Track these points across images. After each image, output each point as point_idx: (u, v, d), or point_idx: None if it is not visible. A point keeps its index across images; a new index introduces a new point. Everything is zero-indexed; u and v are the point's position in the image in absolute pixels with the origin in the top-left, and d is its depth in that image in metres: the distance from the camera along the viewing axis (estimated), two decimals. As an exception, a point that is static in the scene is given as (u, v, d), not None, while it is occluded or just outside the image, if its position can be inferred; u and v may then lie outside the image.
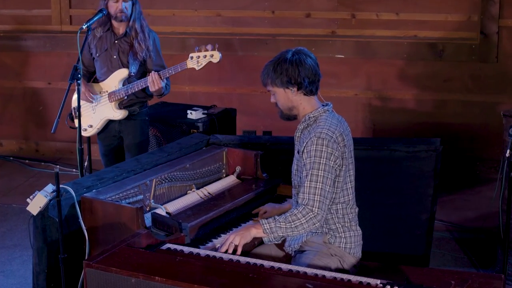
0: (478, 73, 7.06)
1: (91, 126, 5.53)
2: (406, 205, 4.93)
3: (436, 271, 3.70)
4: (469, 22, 7.08)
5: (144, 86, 5.34)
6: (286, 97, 3.82)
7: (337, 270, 3.76)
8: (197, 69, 5.24)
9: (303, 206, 3.67)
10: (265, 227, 3.69)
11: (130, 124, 5.54)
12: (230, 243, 3.68)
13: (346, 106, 7.12)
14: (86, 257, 3.87)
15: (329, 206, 3.75)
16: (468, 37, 7.08)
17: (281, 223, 3.68)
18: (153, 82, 5.24)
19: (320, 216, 3.67)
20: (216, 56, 5.20)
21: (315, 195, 3.66)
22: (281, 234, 3.70)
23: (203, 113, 6.20)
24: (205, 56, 5.19)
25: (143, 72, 5.50)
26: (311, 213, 3.65)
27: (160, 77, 5.25)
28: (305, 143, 3.75)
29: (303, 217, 3.66)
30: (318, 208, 3.66)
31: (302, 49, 3.84)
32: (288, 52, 3.81)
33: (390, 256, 4.91)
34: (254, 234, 3.72)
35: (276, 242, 3.85)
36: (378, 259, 4.12)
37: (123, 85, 5.41)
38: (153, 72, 5.26)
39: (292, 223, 3.67)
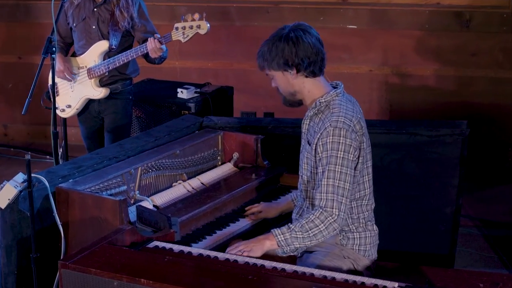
0: (510, 46, 7.05)
1: (69, 106, 5.52)
2: (428, 197, 4.94)
3: (462, 273, 3.71)
4: (500, -12, 7.07)
5: (126, 61, 5.32)
6: (286, 81, 3.79)
7: (350, 272, 3.74)
8: (183, 41, 5.21)
9: (321, 210, 3.62)
10: (280, 239, 3.64)
11: (111, 104, 5.53)
12: (237, 252, 3.64)
13: (360, 84, 7.10)
14: (61, 257, 3.88)
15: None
16: (499, 4, 7.06)
17: (297, 233, 3.63)
18: (154, 50, 5.21)
19: (341, 219, 3.63)
20: (204, 27, 5.15)
21: (334, 194, 3.61)
22: (298, 246, 3.66)
23: (196, 92, 6.19)
24: (191, 27, 5.16)
25: (127, 46, 5.48)
26: (331, 217, 3.61)
27: (161, 43, 5.22)
28: (318, 134, 3.71)
29: (322, 223, 3.61)
30: (338, 210, 3.61)
31: (301, 23, 3.80)
32: (285, 29, 3.77)
33: (410, 255, 4.93)
34: (267, 248, 3.66)
35: (291, 254, 3.80)
36: (397, 259, 4.13)
37: (103, 60, 5.39)
38: (152, 39, 5.22)
39: (310, 232, 3.62)
